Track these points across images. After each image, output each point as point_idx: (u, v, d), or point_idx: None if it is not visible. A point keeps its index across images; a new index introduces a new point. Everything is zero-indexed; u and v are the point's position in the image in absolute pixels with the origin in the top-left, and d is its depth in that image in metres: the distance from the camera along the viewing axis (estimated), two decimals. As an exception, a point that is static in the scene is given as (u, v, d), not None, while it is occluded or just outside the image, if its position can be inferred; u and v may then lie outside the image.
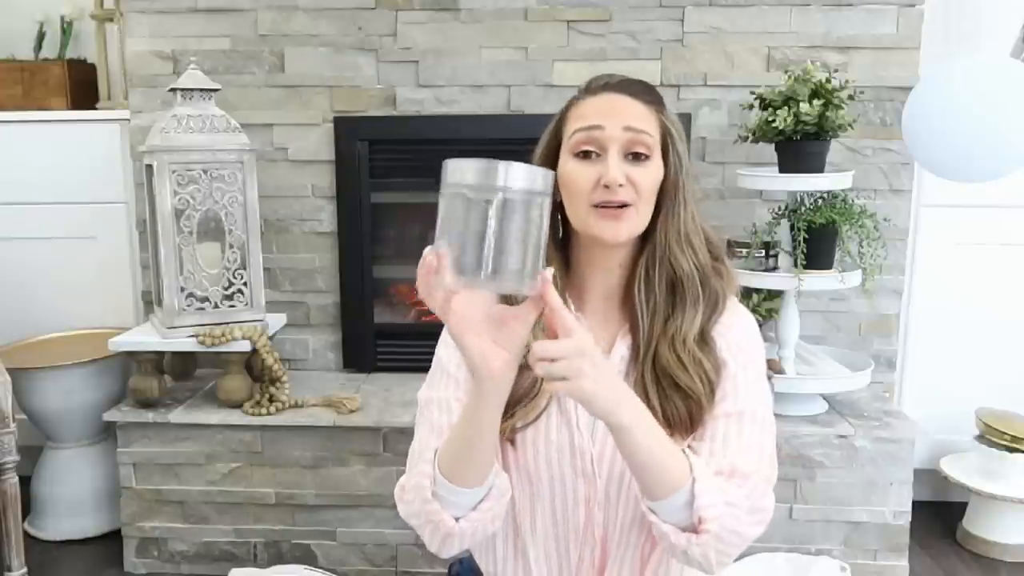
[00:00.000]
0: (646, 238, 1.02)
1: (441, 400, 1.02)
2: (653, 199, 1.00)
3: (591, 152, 0.98)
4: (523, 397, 0.99)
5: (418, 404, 1.06)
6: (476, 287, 0.79)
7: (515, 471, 1.03)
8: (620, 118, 0.98)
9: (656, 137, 1.00)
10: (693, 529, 0.91)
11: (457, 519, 0.94)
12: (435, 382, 1.05)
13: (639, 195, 0.98)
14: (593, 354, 0.82)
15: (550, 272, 0.80)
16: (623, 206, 0.97)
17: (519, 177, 0.78)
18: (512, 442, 1.02)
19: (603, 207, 0.97)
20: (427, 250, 0.80)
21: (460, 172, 0.79)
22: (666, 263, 1.01)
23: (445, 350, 1.06)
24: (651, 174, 0.99)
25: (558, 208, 1.04)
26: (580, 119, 1.00)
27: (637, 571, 1.04)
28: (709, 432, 0.98)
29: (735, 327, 1.04)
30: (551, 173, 0.81)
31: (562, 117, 1.04)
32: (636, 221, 0.99)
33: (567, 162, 1.00)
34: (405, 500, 0.98)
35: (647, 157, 0.99)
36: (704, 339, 1.01)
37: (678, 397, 0.98)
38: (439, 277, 0.79)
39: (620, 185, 0.96)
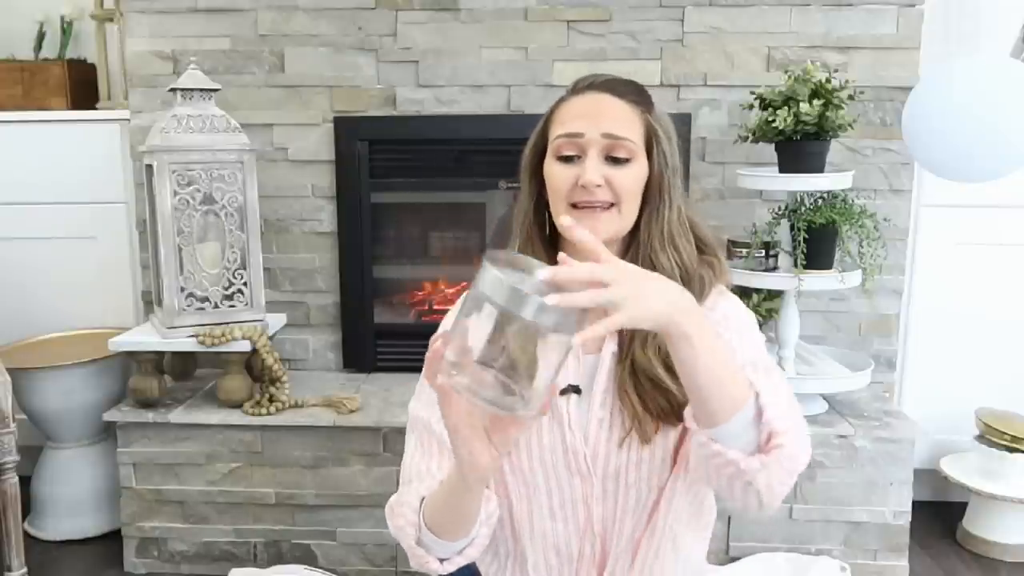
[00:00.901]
0: (633, 237, 1.04)
1: (427, 421, 1.04)
2: (637, 199, 1.01)
3: (572, 155, 1.00)
4: None
5: (408, 417, 1.08)
6: (496, 412, 0.78)
7: (511, 474, 1.03)
8: (600, 123, 0.99)
9: (639, 140, 1.00)
10: (760, 450, 0.87)
11: (442, 560, 0.96)
12: (422, 396, 1.07)
13: (619, 196, 0.99)
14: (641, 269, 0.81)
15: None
16: (610, 207, 0.99)
17: (550, 317, 0.72)
18: None
19: (579, 206, 0.99)
20: (439, 340, 0.78)
21: (493, 287, 0.72)
22: (648, 262, 1.02)
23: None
24: (631, 175, 1.00)
25: (546, 207, 1.06)
26: (563, 124, 1.02)
27: (631, 558, 1.04)
28: None
29: (718, 308, 1.04)
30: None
31: (548, 118, 1.06)
32: (619, 221, 1.01)
33: (551, 164, 1.02)
34: (394, 523, 0.99)
35: (628, 160, 1.00)
36: None
37: (658, 393, 0.98)
38: (453, 371, 0.76)
39: (597, 186, 0.98)
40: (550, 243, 1.07)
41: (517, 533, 1.06)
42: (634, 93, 1.03)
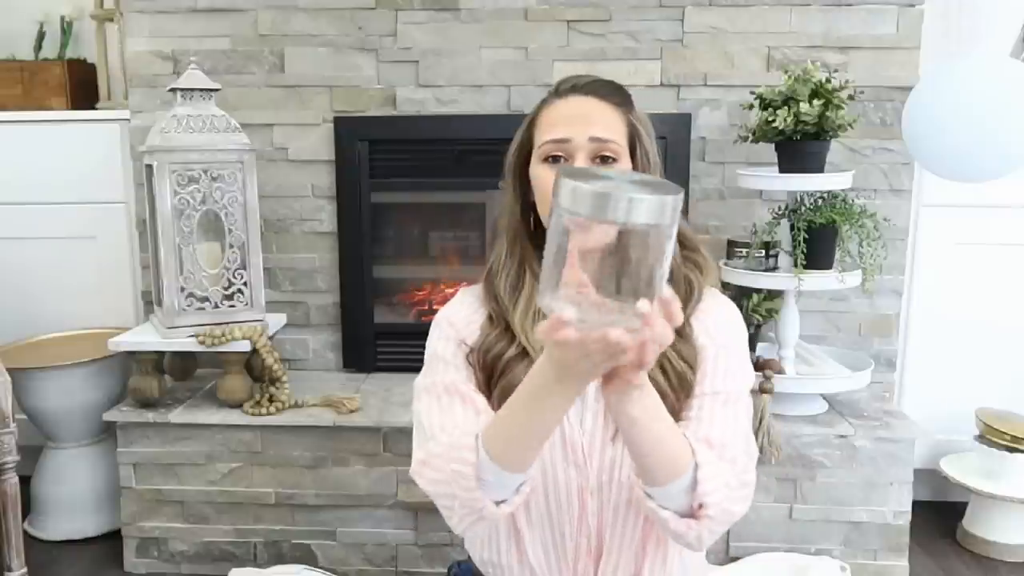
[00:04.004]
0: None
1: (448, 384, 1.03)
2: None
3: (560, 157, 1.01)
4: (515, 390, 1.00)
5: (416, 392, 1.07)
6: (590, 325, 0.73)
7: None
8: (586, 127, 1.00)
9: (623, 142, 1.02)
10: (691, 514, 0.92)
11: (498, 503, 0.94)
12: (434, 371, 1.07)
13: None
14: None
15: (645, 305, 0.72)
16: None
17: (643, 212, 0.67)
18: None
19: None
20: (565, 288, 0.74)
21: (573, 198, 0.68)
22: None
23: (439, 342, 1.08)
24: None
25: (532, 208, 1.07)
26: (549, 129, 1.03)
27: (634, 557, 1.05)
28: (690, 409, 1.01)
29: (713, 312, 1.06)
30: (680, 196, 0.69)
31: (532, 122, 1.07)
32: None
33: (538, 167, 1.03)
34: (427, 477, 0.97)
35: (614, 160, 1.01)
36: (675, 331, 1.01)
37: None
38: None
39: None
40: (537, 242, 1.07)
41: (515, 520, 1.07)
42: (616, 94, 1.04)
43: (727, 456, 0.96)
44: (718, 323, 1.05)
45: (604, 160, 1.01)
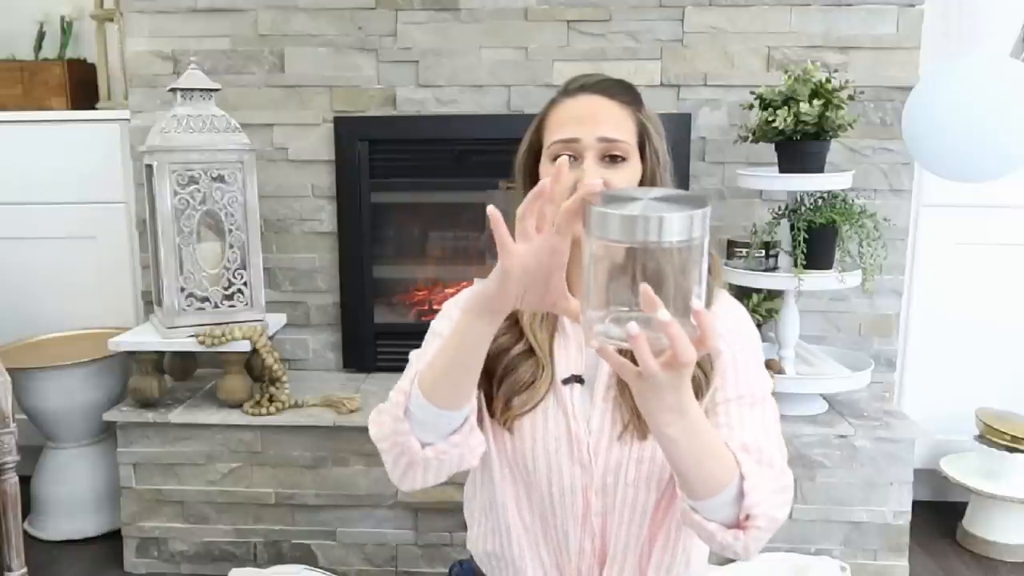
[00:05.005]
0: None
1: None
2: None
3: (570, 157, 1.01)
4: (521, 386, 1.02)
5: (409, 362, 1.09)
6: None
7: (512, 460, 1.05)
8: (595, 127, 1.00)
9: (632, 141, 1.02)
10: (738, 524, 0.91)
11: (424, 446, 0.95)
12: (426, 344, 1.10)
13: None
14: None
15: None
16: None
17: (674, 230, 0.68)
18: (510, 431, 1.04)
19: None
20: (542, 185, 0.81)
21: (603, 225, 0.70)
22: None
23: (440, 321, 1.10)
24: (628, 175, 1.02)
25: None
26: (558, 129, 1.02)
27: (639, 561, 1.05)
28: (717, 416, 1.00)
29: (723, 316, 1.05)
30: (708, 208, 0.71)
31: (541, 122, 1.07)
32: None
33: (546, 166, 1.03)
34: (378, 422, 1.00)
35: (624, 159, 1.01)
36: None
37: None
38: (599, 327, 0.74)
39: None
40: None
41: (521, 515, 1.07)
42: (625, 93, 1.04)
43: (764, 460, 0.95)
44: (729, 326, 1.04)
45: (613, 160, 1.01)
